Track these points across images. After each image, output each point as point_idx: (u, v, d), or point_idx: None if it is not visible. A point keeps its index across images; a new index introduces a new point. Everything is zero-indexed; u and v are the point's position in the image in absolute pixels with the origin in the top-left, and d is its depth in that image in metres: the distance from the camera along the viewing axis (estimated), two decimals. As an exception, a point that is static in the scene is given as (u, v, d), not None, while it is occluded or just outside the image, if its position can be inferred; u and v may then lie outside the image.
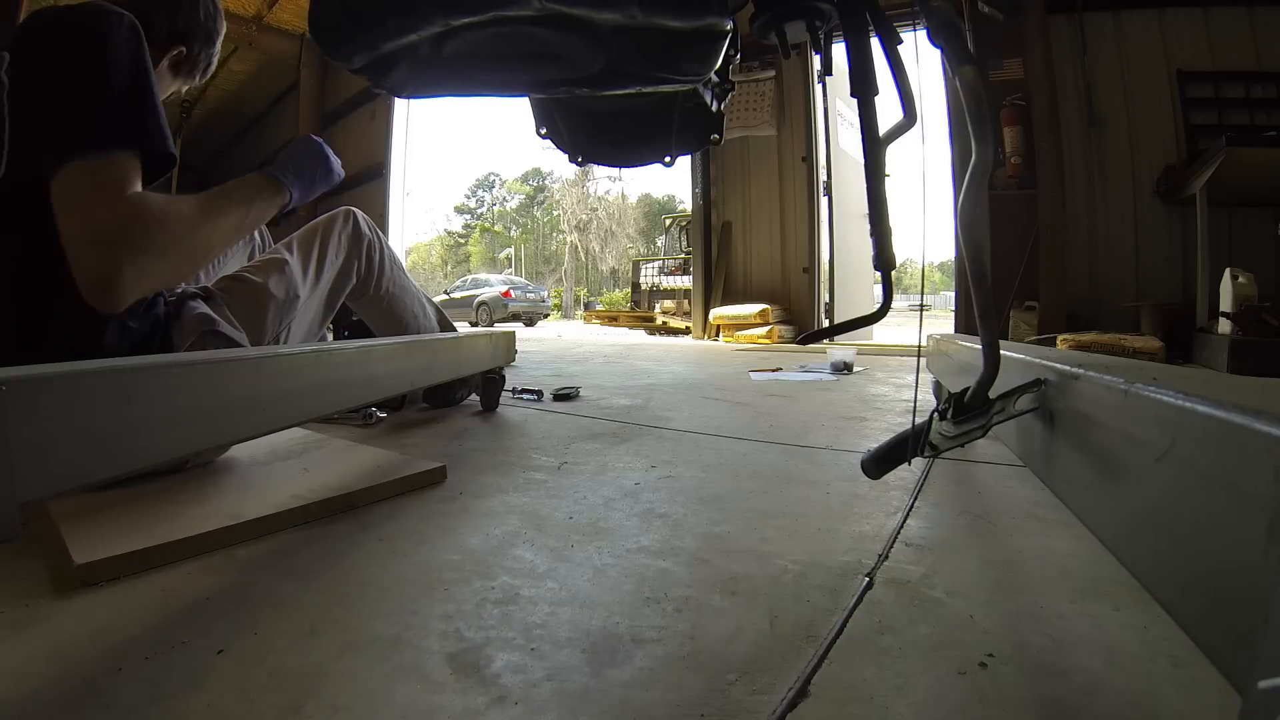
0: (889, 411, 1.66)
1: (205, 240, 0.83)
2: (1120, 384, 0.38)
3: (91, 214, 0.71)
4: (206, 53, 1.04)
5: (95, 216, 0.71)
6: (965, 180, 0.52)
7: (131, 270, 0.73)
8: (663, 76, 0.71)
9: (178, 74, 1.02)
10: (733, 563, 0.69)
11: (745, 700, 0.45)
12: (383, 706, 0.44)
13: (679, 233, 8.63)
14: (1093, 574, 0.64)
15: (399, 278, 1.42)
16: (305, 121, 6.43)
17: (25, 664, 0.48)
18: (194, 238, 0.80)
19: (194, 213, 0.81)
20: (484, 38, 0.65)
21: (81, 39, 0.76)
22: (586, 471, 1.06)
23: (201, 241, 0.82)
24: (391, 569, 0.67)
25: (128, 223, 0.72)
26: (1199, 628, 0.28)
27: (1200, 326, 2.98)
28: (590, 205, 27.99)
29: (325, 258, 1.22)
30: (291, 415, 0.73)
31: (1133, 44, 3.54)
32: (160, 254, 0.76)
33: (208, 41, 1.03)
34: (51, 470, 0.42)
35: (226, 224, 0.86)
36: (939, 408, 0.55)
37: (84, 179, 0.72)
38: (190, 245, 0.80)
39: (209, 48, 1.04)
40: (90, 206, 0.71)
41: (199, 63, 1.04)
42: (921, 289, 2.70)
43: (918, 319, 1.15)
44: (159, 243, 0.75)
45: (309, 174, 0.99)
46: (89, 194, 0.71)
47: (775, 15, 0.62)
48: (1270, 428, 0.23)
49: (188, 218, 0.79)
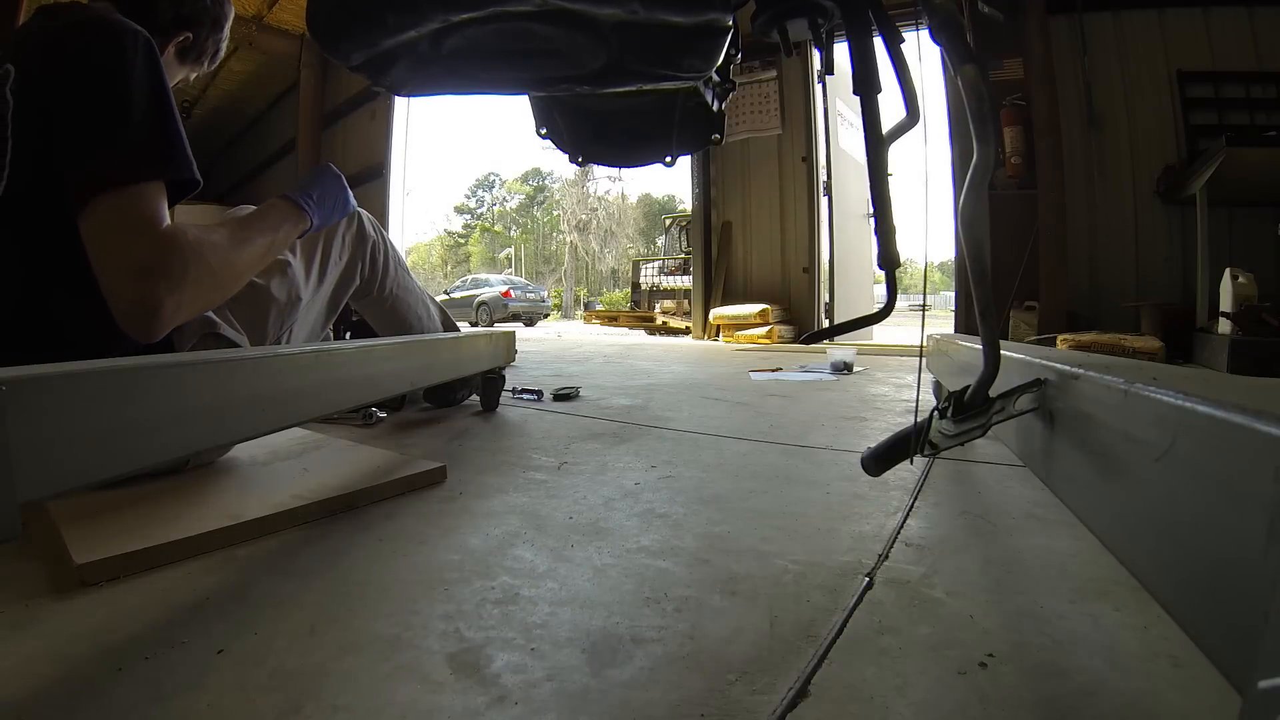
0: (889, 411, 1.66)
1: (236, 268, 0.84)
2: (1120, 384, 0.38)
3: (128, 250, 0.72)
4: (214, 38, 1.03)
5: (132, 252, 0.72)
6: (966, 180, 0.52)
7: (172, 302, 0.74)
8: (664, 74, 0.71)
9: (184, 61, 1.01)
10: (733, 563, 0.69)
11: (745, 700, 0.45)
12: (383, 706, 0.44)
13: (679, 233, 8.62)
14: (1093, 574, 0.64)
15: (403, 279, 1.43)
16: (305, 121, 6.43)
17: (25, 664, 0.48)
18: (227, 267, 0.82)
19: (225, 242, 0.82)
20: (483, 34, 0.65)
21: (101, 61, 0.75)
22: (586, 471, 1.06)
23: (234, 269, 0.84)
24: (391, 569, 0.67)
25: (166, 258, 0.73)
26: (1199, 628, 0.28)
27: (1200, 326, 2.98)
28: (590, 205, 27.98)
29: (329, 259, 1.22)
30: (292, 415, 0.73)
31: (1133, 44, 3.54)
32: (197, 284, 0.77)
33: (215, 26, 1.02)
34: (51, 470, 0.42)
35: (255, 252, 0.87)
36: (939, 407, 0.55)
37: (115, 215, 0.72)
38: (224, 275, 0.82)
39: (216, 33, 1.03)
40: (126, 242, 0.72)
41: (206, 49, 1.03)
42: (924, 289, 2.69)
43: (918, 319, 1.14)
44: (195, 274, 0.76)
45: (329, 202, 1.01)
46: (124, 230, 0.72)
47: (777, 13, 0.62)
48: (1270, 428, 0.23)
49: (220, 248, 0.81)
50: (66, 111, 0.74)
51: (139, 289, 0.72)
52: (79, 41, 0.75)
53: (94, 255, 0.72)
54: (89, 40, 0.76)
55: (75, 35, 0.76)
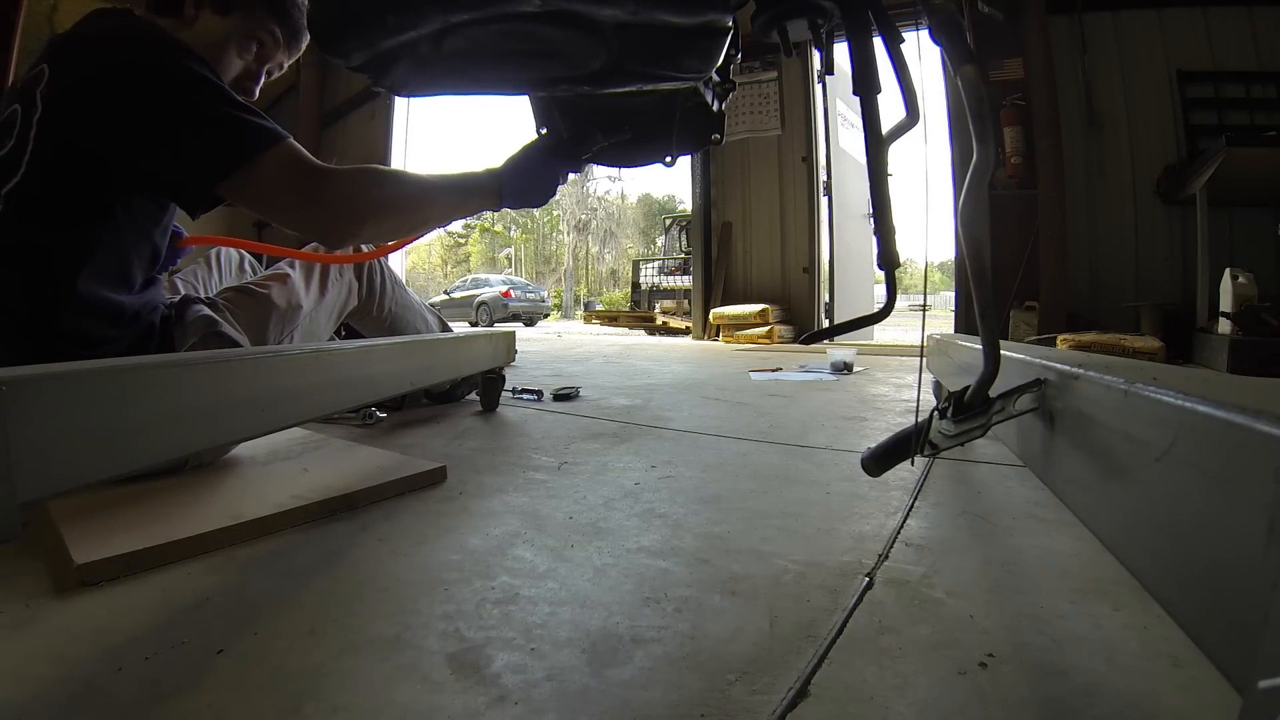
0: (889, 411, 1.66)
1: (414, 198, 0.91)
2: (1120, 384, 0.38)
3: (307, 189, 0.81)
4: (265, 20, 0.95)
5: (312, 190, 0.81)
6: (966, 180, 0.52)
7: (358, 205, 0.84)
8: (664, 74, 0.71)
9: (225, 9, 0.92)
10: (733, 563, 0.69)
11: (745, 700, 0.45)
12: (383, 706, 0.44)
13: (679, 233, 8.63)
14: (1093, 574, 0.64)
15: (400, 296, 1.44)
16: (305, 121, 6.42)
17: (25, 664, 0.48)
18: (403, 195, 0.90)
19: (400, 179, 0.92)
20: (484, 35, 0.65)
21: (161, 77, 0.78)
22: (586, 471, 1.06)
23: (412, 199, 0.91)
24: (391, 569, 0.67)
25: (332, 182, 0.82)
26: (1199, 628, 0.28)
27: (1200, 326, 2.98)
28: (590, 205, 27.98)
29: (328, 276, 1.24)
30: (291, 415, 0.73)
31: (1133, 44, 3.54)
32: (372, 200, 0.85)
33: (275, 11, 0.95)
34: (51, 470, 0.42)
35: (435, 197, 0.93)
36: (939, 407, 0.55)
37: (271, 171, 0.79)
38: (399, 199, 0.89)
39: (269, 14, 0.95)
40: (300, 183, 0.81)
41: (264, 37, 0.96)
42: (925, 289, 2.69)
43: (919, 319, 1.14)
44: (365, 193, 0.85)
45: (526, 193, 0.97)
46: (288, 179, 0.80)
47: (777, 13, 0.62)
48: (1270, 428, 0.23)
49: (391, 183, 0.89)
50: (144, 135, 0.77)
51: (323, 216, 0.82)
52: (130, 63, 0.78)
53: (274, 216, 0.83)
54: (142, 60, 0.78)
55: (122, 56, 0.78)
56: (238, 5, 0.92)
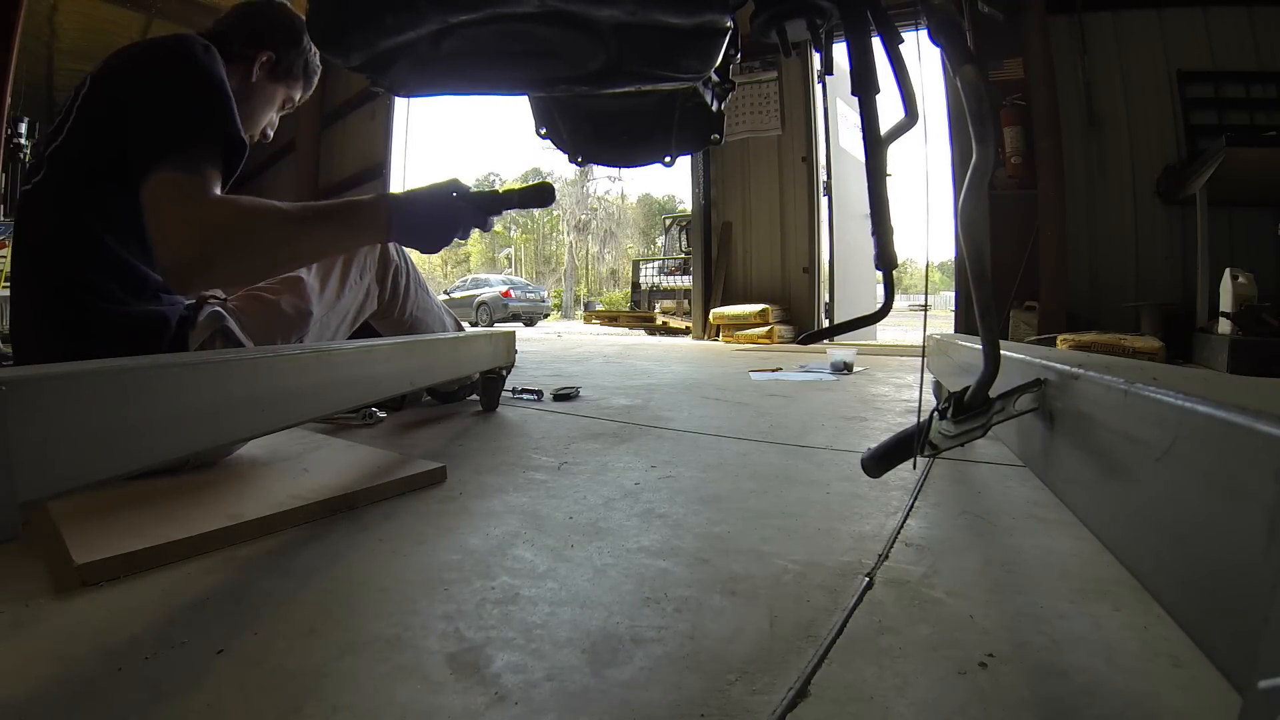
0: (889, 411, 1.66)
1: (288, 250, 0.87)
2: (1120, 384, 0.38)
3: (177, 212, 0.80)
4: (298, 51, 1.09)
5: (181, 214, 0.80)
6: (966, 180, 0.52)
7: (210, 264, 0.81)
8: (663, 74, 0.71)
9: (277, 79, 1.08)
10: (733, 563, 0.69)
11: (745, 700, 0.45)
12: (383, 706, 0.44)
13: (679, 233, 8.63)
14: (1093, 574, 0.64)
15: (423, 299, 1.44)
16: (305, 122, 6.43)
17: (25, 664, 0.48)
18: (279, 245, 0.85)
19: (281, 221, 0.85)
20: (483, 35, 0.65)
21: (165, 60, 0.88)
22: (586, 471, 1.06)
23: (284, 250, 0.86)
24: (391, 569, 0.67)
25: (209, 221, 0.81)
26: (1199, 628, 0.28)
27: (1200, 326, 2.98)
28: (590, 205, 27.98)
29: (347, 278, 1.22)
30: (292, 415, 0.73)
31: (1133, 44, 3.54)
32: (237, 253, 0.82)
33: (293, 39, 1.08)
34: (51, 470, 0.42)
35: (314, 241, 0.89)
36: (939, 407, 0.55)
37: (169, 184, 0.81)
38: (269, 250, 0.85)
39: (296, 45, 1.08)
40: (176, 207, 0.80)
41: (295, 65, 1.10)
42: (925, 289, 2.68)
43: (919, 319, 1.13)
44: (236, 241, 0.82)
45: (418, 231, 0.90)
46: (175, 197, 0.81)
47: (776, 13, 0.62)
48: (1270, 428, 0.23)
49: (274, 224, 0.84)
50: (135, 102, 0.85)
51: (180, 249, 0.80)
52: (153, 48, 0.91)
53: (148, 218, 0.82)
54: (160, 47, 0.90)
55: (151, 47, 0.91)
56: (284, 75, 1.09)
